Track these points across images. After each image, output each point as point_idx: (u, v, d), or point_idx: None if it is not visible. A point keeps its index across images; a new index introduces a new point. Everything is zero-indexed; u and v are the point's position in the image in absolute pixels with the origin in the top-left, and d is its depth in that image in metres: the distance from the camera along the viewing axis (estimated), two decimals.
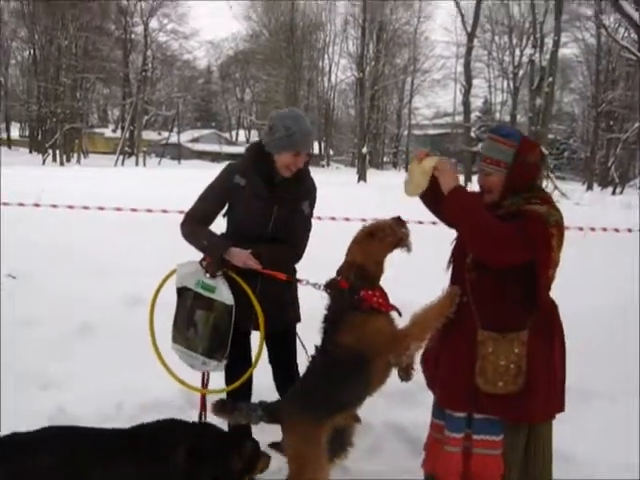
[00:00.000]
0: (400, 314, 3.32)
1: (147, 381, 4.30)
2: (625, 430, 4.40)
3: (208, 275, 3.71)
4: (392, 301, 3.32)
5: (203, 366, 3.77)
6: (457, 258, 3.39)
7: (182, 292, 3.80)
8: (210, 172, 3.98)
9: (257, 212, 3.69)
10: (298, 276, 3.93)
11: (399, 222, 3.34)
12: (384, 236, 3.29)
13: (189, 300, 3.76)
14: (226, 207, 3.81)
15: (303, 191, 3.78)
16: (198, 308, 3.73)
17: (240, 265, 3.61)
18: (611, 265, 9.77)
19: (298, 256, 3.84)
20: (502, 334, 3.14)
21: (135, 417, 4.38)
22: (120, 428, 3.25)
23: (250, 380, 3.88)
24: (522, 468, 3.29)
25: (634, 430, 4.40)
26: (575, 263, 3.25)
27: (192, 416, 4.37)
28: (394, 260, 3.37)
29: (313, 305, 3.56)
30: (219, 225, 3.85)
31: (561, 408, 3.31)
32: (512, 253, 3.06)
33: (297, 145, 3.60)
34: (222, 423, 3.50)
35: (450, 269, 3.46)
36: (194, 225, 3.76)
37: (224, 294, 3.67)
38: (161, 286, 3.87)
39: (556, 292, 3.26)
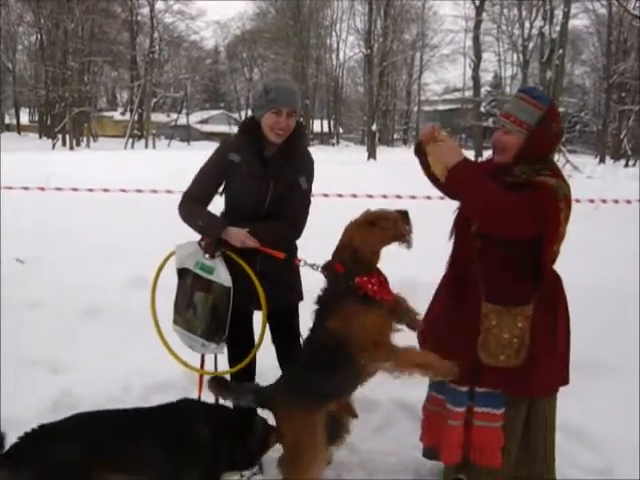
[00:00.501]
0: (394, 302, 3.25)
1: (152, 363, 4.28)
2: (632, 403, 4.36)
3: (207, 256, 3.67)
4: (398, 278, 3.27)
5: (202, 348, 3.73)
6: (460, 228, 3.32)
7: (182, 273, 3.76)
8: None
9: (253, 189, 3.62)
10: (304, 254, 3.88)
11: (404, 217, 3.25)
12: (386, 227, 3.21)
13: (188, 281, 3.72)
14: (223, 185, 3.74)
15: (299, 165, 3.70)
16: (197, 290, 3.69)
17: (238, 245, 3.55)
18: (622, 237, 9.69)
19: (297, 233, 3.76)
20: (506, 307, 3.10)
21: (142, 398, 4.40)
22: (142, 408, 3.25)
23: (253, 361, 3.84)
24: (522, 441, 3.28)
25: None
26: (586, 235, 3.19)
27: (201, 397, 4.38)
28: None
29: (316, 284, 3.52)
30: (217, 205, 3.80)
31: (565, 381, 3.27)
32: (520, 225, 2.99)
33: (275, 101, 3.51)
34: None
35: (453, 239, 3.41)
36: (191, 206, 3.69)
37: (222, 275, 3.62)
38: (161, 267, 3.83)
39: (565, 264, 3.20)
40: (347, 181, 14.74)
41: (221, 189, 3.76)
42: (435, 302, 3.51)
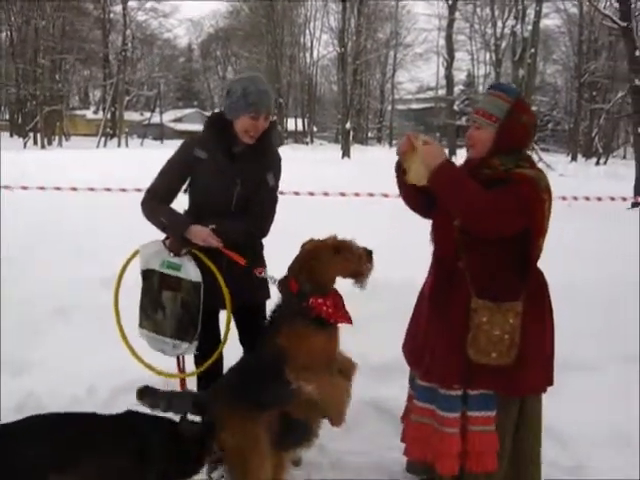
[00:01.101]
0: (351, 323, 3.26)
1: (120, 364, 4.20)
2: (611, 401, 4.39)
3: (172, 254, 3.61)
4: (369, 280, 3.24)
5: (174, 350, 3.66)
6: (441, 224, 3.27)
7: (147, 275, 3.68)
8: None
9: (220, 186, 3.57)
10: (272, 252, 3.86)
11: (369, 256, 3.24)
12: (349, 259, 3.21)
13: (155, 282, 3.65)
14: (187, 182, 3.68)
15: (267, 162, 3.66)
16: (165, 289, 3.62)
17: (200, 243, 3.50)
18: (596, 235, 9.78)
19: (264, 230, 3.71)
20: (497, 304, 3.03)
21: (108, 400, 4.34)
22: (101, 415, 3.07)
23: (220, 361, 3.79)
24: (513, 442, 3.24)
25: (620, 400, 4.38)
26: (560, 233, 3.21)
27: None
28: (383, 235, 3.29)
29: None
30: (182, 203, 3.74)
31: (550, 381, 3.25)
32: (506, 222, 2.98)
33: (254, 105, 3.46)
34: None
35: (434, 237, 3.35)
36: (154, 203, 3.63)
37: (191, 272, 3.57)
38: (125, 267, 3.76)
39: (541, 262, 3.20)
40: (321, 179, 14.68)
41: (185, 186, 3.69)
42: (419, 304, 3.46)
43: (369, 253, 3.24)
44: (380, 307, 5.82)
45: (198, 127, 59.18)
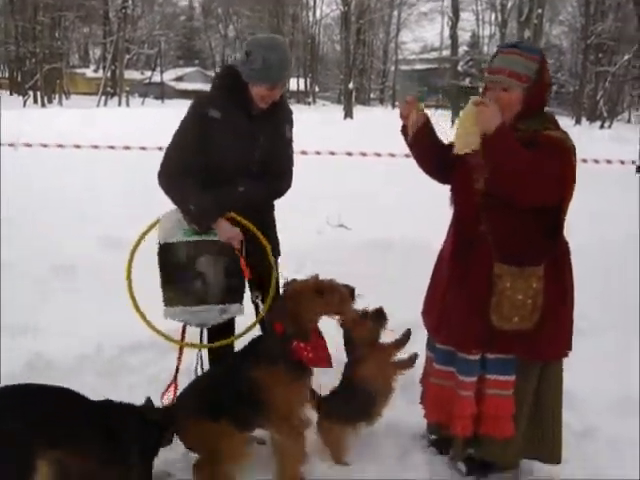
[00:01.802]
0: (331, 366, 3.29)
1: (126, 323, 4.20)
2: (620, 365, 4.40)
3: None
4: (375, 239, 3.23)
5: (223, 315, 3.53)
6: (462, 187, 3.19)
7: (168, 249, 3.49)
8: None
9: (240, 146, 3.47)
10: (281, 212, 3.85)
11: (351, 295, 3.22)
12: (331, 301, 3.20)
13: (182, 253, 3.47)
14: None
15: (282, 116, 3.61)
16: (199, 255, 3.46)
17: (223, 240, 3.43)
18: (605, 198, 9.73)
19: (288, 184, 3.68)
20: (520, 268, 3.01)
21: (116, 358, 4.35)
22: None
23: (232, 330, 3.77)
24: (532, 408, 3.24)
25: (629, 365, 4.40)
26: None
27: (175, 357, 4.32)
28: (392, 195, 3.26)
29: (294, 239, 3.47)
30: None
31: (570, 346, 3.23)
32: (555, 192, 2.93)
33: (274, 79, 3.39)
34: None
35: (454, 200, 3.30)
36: (177, 178, 3.44)
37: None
38: (144, 234, 3.58)
39: None
40: (324, 140, 14.58)
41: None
42: (438, 268, 3.42)
43: (351, 292, 3.24)
44: (393, 268, 5.82)
45: (199, 86, 58.73)
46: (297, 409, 3.21)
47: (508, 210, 3.00)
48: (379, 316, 3.56)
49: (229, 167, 3.51)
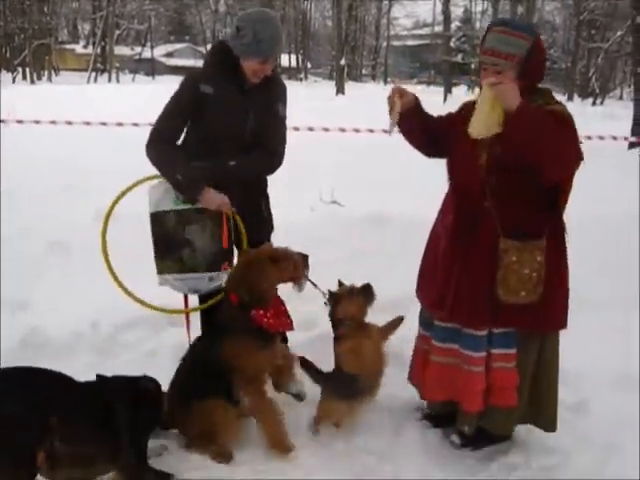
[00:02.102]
0: (293, 329, 3.46)
1: (122, 299, 4.22)
2: (614, 341, 4.44)
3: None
4: (367, 213, 3.27)
5: (210, 283, 3.60)
6: (463, 163, 3.19)
7: (158, 217, 3.56)
8: None
9: (232, 120, 3.51)
10: (276, 185, 3.90)
11: (304, 260, 3.33)
12: (286, 267, 3.29)
13: (171, 222, 3.53)
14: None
15: (275, 92, 3.63)
16: (187, 224, 3.52)
17: (212, 208, 3.46)
18: (597, 176, 9.75)
19: (279, 161, 3.70)
20: (524, 242, 3.05)
21: (112, 335, 4.36)
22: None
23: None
24: (532, 379, 3.30)
25: (623, 341, 4.44)
26: None
27: (172, 333, 4.36)
28: (384, 170, 3.28)
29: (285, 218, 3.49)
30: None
31: (567, 318, 3.29)
32: (577, 164, 2.96)
33: (265, 53, 3.42)
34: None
35: (454, 176, 3.31)
36: (166, 150, 3.51)
37: None
38: (113, 207, 3.64)
39: None
40: (316, 116, 14.53)
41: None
42: (434, 244, 3.42)
43: (305, 258, 3.35)
44: (387, 244, 5.84)
45: (190, 62, 58.29)
46: (262, 373, 3.31)
47: (512, 185, 3.03)
48: (367, 292, 3.55)
49: (221, 141, 3.54)
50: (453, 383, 3.33)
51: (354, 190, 8.27)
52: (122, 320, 4.47)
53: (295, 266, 3.30)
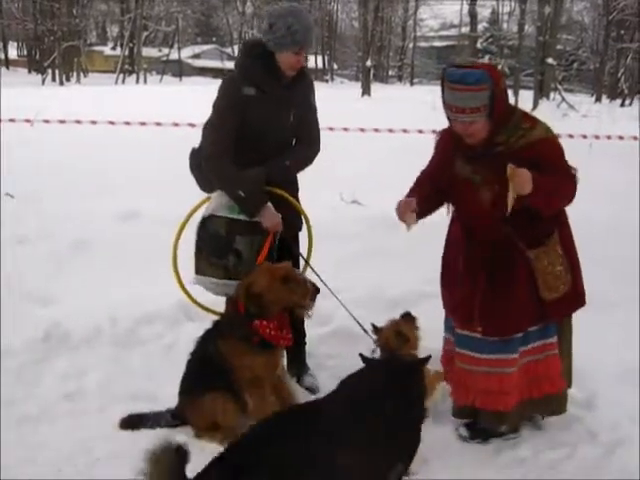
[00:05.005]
0: (290, 344, 3.54)
1: (141, 294, 4.31)
2: (623, 337, 4.44)
3: None
4: (383, 215, 3.32)
5: None
6: (471, 207, 3.35)
7: (210, 221, 3.64)
8: (214, 87, 3.83)
9: (276, 118, 3.61)
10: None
11: (315, 292, 3.38)
12: (294, 291, 3.34)
13: (222, 227, 3.60)
14: None
15: (307, 85, 3.75)
16: (238, 234, 3.59)
17: (266, 226, 3.56)
18: (618, 176, 9.68)
19: (318, 150, 3.84)
20: (546, 244, 3.27)
21: (130, 330, 4.44)
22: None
23: None
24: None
25: (632, 337, 4.43)
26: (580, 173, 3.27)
27: (190, 328, 4.42)
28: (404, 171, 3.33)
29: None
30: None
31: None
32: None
33: (300, 42, 3.49)
34: None
35: (463, 216, 3.47)
36: (223, 163, 3.56)
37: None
38: (192, 213, 3.76)
39: None
40: (341, 117, 14.54)
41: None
42: (454, 262, 3.53)
43: (315, 289, 3.38)
44: (400, 241, 5.85)
45: (216, 64, 58.67)
46: (260, 378, 3.41)
47: (523, 212, 3.13)
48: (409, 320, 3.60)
49: (263, 139, 3.62)
50: (475, 388, 3.44)
51: (375, 190, 8.28)
52: (140, 315, 4.55)
53: (303, 293, 3.36)
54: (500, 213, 3.14)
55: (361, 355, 3.09)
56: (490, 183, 3.20)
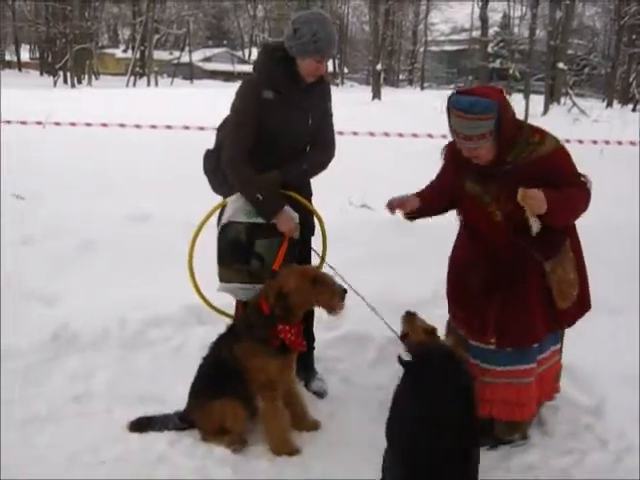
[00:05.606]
0: (305, 350, 3.55)
1: (150, 296, 4.30)
2: (630, 342, 4.41)
3: None
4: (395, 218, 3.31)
5: None
6: (480, 222, 3.34)
7: (229, 227, 3.64)
8: (224, 90, 3.84)
9: (295, 122, 3.61)
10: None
11: (343, 294, 3.36)
12: (322, 292, 3.34)
13: (241, 233, 3.61)
14: None
15: (326, 91, 3.76)
16: (258, 238, 3.60)
17: (282, 229, 3.56)
18: (627, 179, 9.64)
19: (333, 154, 3.84)
20: (559, 254, 3.27)
21: (139, 332, 4.44)
22: None
23: None
24: None
25: (634, 342, 4.40)
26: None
27: (199, 331, 4.42)
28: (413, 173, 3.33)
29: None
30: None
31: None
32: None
33: (322, 51, 3.49)
34: None
35: (473, 230, 3.45)
36: (242, 166, 3.56)
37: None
38: (209, 216, 3.74)
39: None
40: (351, 120, 14.56)
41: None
42: (464, 275, 3.50)
43: (344, 291, 3.37)
44: (409, 245, 5.85)
45: (227, 67, 58.81)
46: (274, 382, 3.39)
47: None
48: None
49: (281, 143, 3.63)
50: (492, 399, 3.41)
51: (385, 195, 8.24)
52: (149, 317, 4.55)
53: (332, 295, 3.35)
54: (512, 231, 3.16)
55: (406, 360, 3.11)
56: (501, 202, 3.20)
